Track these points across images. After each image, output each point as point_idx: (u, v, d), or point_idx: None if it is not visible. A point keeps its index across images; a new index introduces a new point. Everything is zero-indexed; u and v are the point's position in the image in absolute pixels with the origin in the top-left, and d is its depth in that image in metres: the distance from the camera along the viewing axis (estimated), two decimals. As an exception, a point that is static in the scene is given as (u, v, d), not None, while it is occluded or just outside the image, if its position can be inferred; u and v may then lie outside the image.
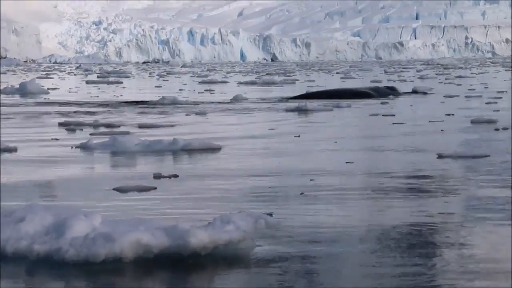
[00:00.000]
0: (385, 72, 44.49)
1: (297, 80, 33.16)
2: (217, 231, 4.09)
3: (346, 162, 8.20)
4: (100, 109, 16.73)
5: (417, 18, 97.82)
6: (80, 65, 70.66)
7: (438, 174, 7.60)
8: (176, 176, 7.09)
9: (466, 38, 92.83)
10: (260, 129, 12.10)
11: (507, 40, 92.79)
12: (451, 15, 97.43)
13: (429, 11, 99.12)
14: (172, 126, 12.69)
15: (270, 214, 5.50)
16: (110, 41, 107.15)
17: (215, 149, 8.95)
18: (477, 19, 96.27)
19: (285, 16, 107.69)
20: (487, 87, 24.07)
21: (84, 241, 3.84)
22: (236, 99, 19.62)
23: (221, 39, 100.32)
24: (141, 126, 12.40)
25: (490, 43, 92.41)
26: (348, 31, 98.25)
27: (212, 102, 18.90)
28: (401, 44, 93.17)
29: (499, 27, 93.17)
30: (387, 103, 18.04)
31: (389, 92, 20.86)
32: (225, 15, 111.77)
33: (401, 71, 44.51)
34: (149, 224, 4.13)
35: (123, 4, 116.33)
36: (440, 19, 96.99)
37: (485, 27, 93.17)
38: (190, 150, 8.78)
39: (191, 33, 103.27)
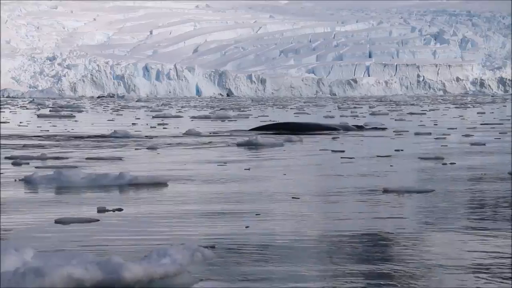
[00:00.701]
0: (338, 108, 44.94)
1: (251, 115, 33.27)
2: (152, 265, 4.04)
3: (293, 197, 8.22)
4: (50, 142, 16.52)
5: (370, 56, 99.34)
6: (33, 99, 69.89)
7: (379, 209, 7.66)
8: (120, 209, 7.01)
9: (418, 76, 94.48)
10: (210, 164, 12.07)
11: (457, 79, 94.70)
12: (403, 54, 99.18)
13: (382, 49, 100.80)
14: (121, 160, 12.59)
15: (213, 247, 5.47)
16: (65, 76, 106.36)
17: (162, 184, 8.89)
18: (428, 58, 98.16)
19: (240, 53, 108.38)
20: (436, 124, 24.46)
21: (14, 276, 3.75)
22: (189, 133, 19.60)
23: (177, 75, 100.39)
24: (89, 159, 12.28)
25: (441, 81, 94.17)
26: (303, 68, 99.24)
27: (165, 136, 18.83)
28: (355, 81, 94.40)
29: (449, 66, 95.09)
30: (338, 138, 18.20)
31: (356, 128, 21.25)
32: (180, 52, 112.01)
33: (354, 107, 45.01)
34: (83, 257, 4.06)
35: (77, 40, 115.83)
36: (393, 57, 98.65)
37: (436, 66, 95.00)
38: (136, 184, 8.70)
39: (146, 68, 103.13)
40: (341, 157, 13.25)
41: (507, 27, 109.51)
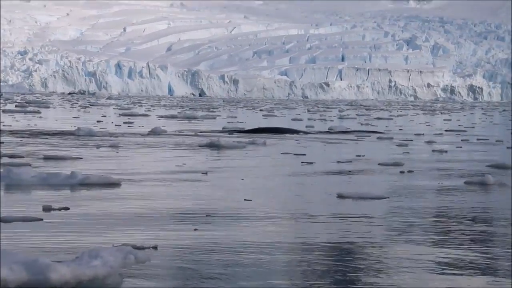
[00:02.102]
0: (308, 111, 45.04)
1: (219, 116, 33.21)
2: (82, 266, 3.98)
3: (245, 200, 8.19)
4: (9, 138, 16.32)
5: (343, 59, 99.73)
6: (2, 94, 69.12)
7: (331, 213, 7.66)
8: (66, 208, 6.93)
9: (390, 81, 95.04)
10: (168, 165, 11.99)
11: (428, 85, 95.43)
12: (375, 59, 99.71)
13: (355, 53, 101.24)
14: (80, 158, 12.46)
15: (155, 247, 5.44)
16: (36, 71, 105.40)
17: (115, 184, 8.81)
18: (400, 64, 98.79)
19: (213, 53, 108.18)
20: (401, 129, 24.60)
21: None
22: (154, 132, 19.51)
23: (149, 73, 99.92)
24: (46, 158, 12.13)
25: (413, 87, 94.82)
26: (276, 69, 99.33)
27: (129, 135, 18.70)
28: (327, 84, 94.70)
29: (421, 72, 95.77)
30: (300, 142, 18.22)
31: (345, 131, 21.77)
32: (154, 50, 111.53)
33: (324, 111, 45.14)
34: (11, 257, 3.99)
35: (49, 35, 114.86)
36: (365, 62, 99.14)
37: (408, 71, 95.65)
38: (88, 184, 8.61)
39: (118, 66, 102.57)
40: (302, 162, 13.26)
41: (478, 35, 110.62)
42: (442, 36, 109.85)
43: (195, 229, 6.45)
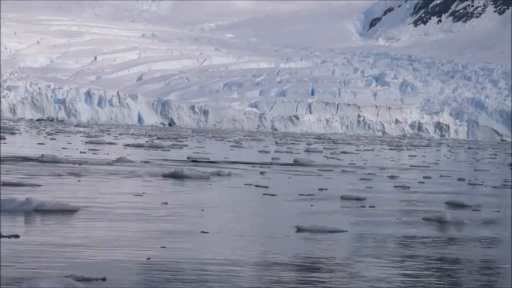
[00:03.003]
0: (276, 143, 45.13)
1: (186, 146, 33.12)
2: (20, 297, 3.91)
3: (201, 231, 8.14)
4: (-31, 164, 16.09)
5: (312, 93, 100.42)
6: (-32, 119, 68.24)
7: (289, 248, 7.63)
8: (17, 236, 6.82)
9: (359, 116, 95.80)
10: (126, 195, 11.89)
11: (396, 121, 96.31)
12: (344, 94, 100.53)
13: (324, 88, 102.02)
14: (39, 186, 12.31)
15: (104, 279, 5.37)
16: (4, 97, 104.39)
17: (71, 211, 8.70)
18: (369, 99, 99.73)
19: (184, 83, 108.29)
20: (365, 164, 24.73)
21: None
22: (119, 161, 19.40)
23: (119, 102, 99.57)
24: (4, 184, 11.97)
25: (381, 122, 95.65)
26: (246, 101, 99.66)
27: (93, 163, 18.55)
28: (297, 117, 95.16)
29: (389, 108, 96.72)
30: (265, 173, 18.21)
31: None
32: (124, 79, 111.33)
33: (292, 143, 45.24)
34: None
35: (19, 62, 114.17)
36: (335, 96, 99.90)
37: (376, 107, 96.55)
38: (43, 210, 8.50)
39: (88, 94, 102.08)
40: (263, 194, 13.24)
41: (446, 74, 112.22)
42: (411, 74, 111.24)
43: (148, 259, 6.39)
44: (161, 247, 7.02)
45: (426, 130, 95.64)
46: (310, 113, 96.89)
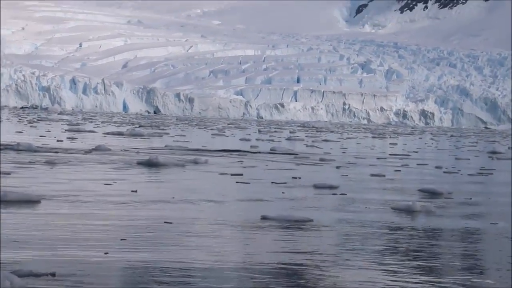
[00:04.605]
0: (259, 131, 45.09)
1: (168, 134, 33.02)
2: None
3: (165, 222, 8.10)
4: None
5: (298, 81, 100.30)
6: (-50, 106, 67.77)
7: (250, 237, 7.61)
8: (-28, 227, 6.76)
9: (344, 104, 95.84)
10: (98, 183, 11.83)
11: (381, 109, 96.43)
12: (330, 81, 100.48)
13: (310, 75, 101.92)
14: (8, 174, 12.23)
15: (53, 274, 5.30)
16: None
17: (34, 202, 8.64)
18: (355, 87, 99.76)
19: (170, 71, 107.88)
20: (344, 152, 24.74)
21: None
22: (97, 149, 19.34)
23: (104, 89, 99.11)
24: (-27, 173, 11.89)
25: (366, 110, 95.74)
26: (232, 89, 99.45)
27: (70, 151, 18.45)
28: (282, 105, 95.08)
29: (374, 95, 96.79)
30: (242, 162, 18.18)
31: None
32: (110, 66, 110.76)
33: (275, 131, 45.22)
34: None
35: (4, 49, 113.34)
36: (320, 84, 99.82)
37: (362, 95, 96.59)
38: (6, 201, 8.43)
39: (73, 81, 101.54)
40: (237, 182, 13.22)
41: (431, 61, 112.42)
42: (396, 61, 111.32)
43: (106, 253, 6.31)
44: (121, 239, 6.96)
45: (411, 118, 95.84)
46: (296, 101, 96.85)
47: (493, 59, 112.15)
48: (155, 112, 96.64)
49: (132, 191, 10.82)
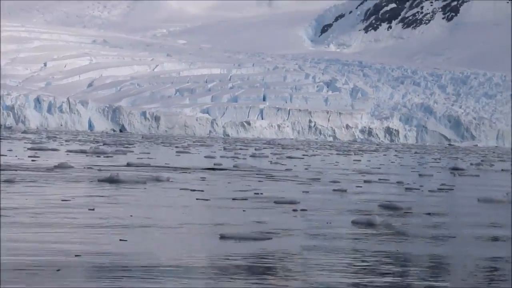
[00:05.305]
0: (224, 148, 45.04)
1: (131, 152, 32.81)
2: None
3: (120, 240, 8.02)
4: None
5: (264, 99, 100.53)
6: None
7: (207, 255, 7.57)
8: None
9: (310, 121, 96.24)
10: (56, 199, 11.69)
11: (347, 126, 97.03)
12: (296, 99, 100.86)
13: (276, 93, 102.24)
14: (-36, 192, 12.04)
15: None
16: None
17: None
18: (320, 105, 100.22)
19: (135, 89, 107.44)
20: (307, 169, 24.80)
21: None
22: (60, 167, 19.16)
23: (69, 108, 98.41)
24: None
25: (332, 127, 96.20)
26: (198, 107, 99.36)
27: (31, 169, 18.23)
28: (248, 123, 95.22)
29: (340, 113, 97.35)
30: (205, 178, 18.12)
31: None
32: (75, 85, 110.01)
33: (240, 149, 45.19)
34: None
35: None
36: (286, 102, 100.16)
37: (327, 112, 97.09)
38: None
39: (38, 100, 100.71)
40: (197, 198, 13.16)
41: (395, 79, 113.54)
42: (361, 80, 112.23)
43: (58, 270, 6.24)
44: (76, 255, 6.88)
45: (376, 135, 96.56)
46: (262, 119, 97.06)
47: (456, 77, 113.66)
48: (121, 131, 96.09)
49: (90, 209, 10.72)
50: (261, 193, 14.67)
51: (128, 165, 21.82)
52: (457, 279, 6.80)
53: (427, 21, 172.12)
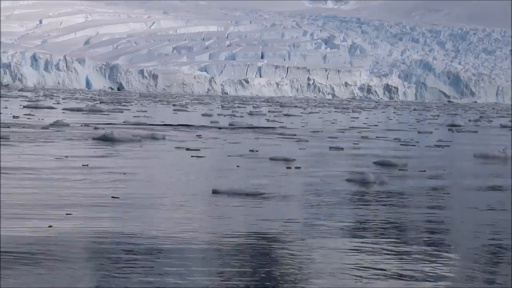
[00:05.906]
0: (222, 107, 44.90)
1: (128, 110, 32.68)
2: None
3: (112, 197, 7.96)
4: None
5: (262, 57, 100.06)
6: None
7: (200, 209, 7.52)
8: None
9: (308, 79, 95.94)
10: (51, 157, 11.61)
11: (346, 84, 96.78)
12: (294, 57, 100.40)
13: (274, 51, 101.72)
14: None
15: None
16: None
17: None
18: (319, 62, 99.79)
19: (132, 47, 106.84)
20: (304, 126, 24.70)
21: None
22: (55, 125, 19.06)
23: (66, 66, 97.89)
24: None
25: (330, 85, 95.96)
26: (195, 65, 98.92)
27: (26, 127, 18.13)
28: (246, 81, 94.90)
29: (338, 71, 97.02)
30: (201, 136, 18.03)
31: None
32: (71, 43, 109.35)
33: (238, 107, 45.05)
34: None
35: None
36: (284, 59, 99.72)
37: (326, 70, 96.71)
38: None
39: (34, 58, 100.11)
40: (192, 156, 13.09)
41: (394, 36, 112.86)
42: (359, 37, 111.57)
43: (50, 226, 6.19)
44: (66, 214, 6.82)
45: (375, 93, 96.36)
46: (260, 77, 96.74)
47: (455, 33, 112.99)
48: (118, 89, 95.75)
49: (83, 165, 10.66)
50: (257, 150, 14.59)
51: (125, 123, 21.71)
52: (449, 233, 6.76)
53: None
